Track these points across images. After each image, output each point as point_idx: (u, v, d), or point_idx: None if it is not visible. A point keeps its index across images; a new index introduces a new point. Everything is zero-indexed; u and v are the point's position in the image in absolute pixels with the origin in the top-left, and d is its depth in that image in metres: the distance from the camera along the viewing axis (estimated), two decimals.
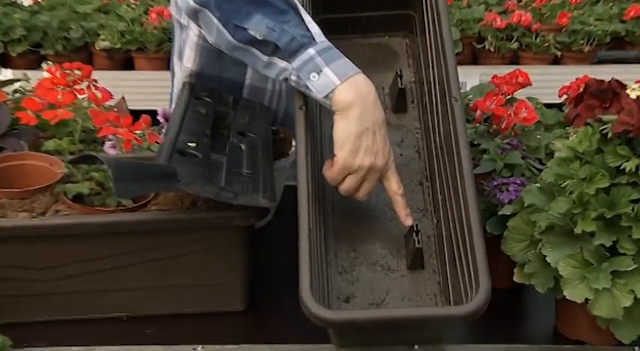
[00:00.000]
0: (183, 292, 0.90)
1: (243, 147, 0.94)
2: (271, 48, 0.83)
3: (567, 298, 0.81)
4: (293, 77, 0.83)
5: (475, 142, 1.08)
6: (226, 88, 1.07)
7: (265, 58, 0.85)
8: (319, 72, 0.80)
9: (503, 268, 0.94)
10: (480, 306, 0.72)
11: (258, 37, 0.83)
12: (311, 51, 0.81)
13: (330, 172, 0.83)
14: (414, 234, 0.83)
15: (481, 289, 0.73)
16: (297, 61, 0.81)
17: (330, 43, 0.82)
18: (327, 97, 0.81)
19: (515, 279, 0.86)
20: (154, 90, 2.00)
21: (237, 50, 0.88)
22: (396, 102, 0.96)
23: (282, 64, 0.83)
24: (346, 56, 0.82)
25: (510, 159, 0.97)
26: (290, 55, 0.81)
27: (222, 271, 0.90)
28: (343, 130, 0.81)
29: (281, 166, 1.07)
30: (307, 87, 0.82)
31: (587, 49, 2.28)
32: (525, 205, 0.86)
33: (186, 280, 0.90)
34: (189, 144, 0.88)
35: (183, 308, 0.91)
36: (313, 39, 0.82)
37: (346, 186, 0.83)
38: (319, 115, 0.92)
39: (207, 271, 0.89)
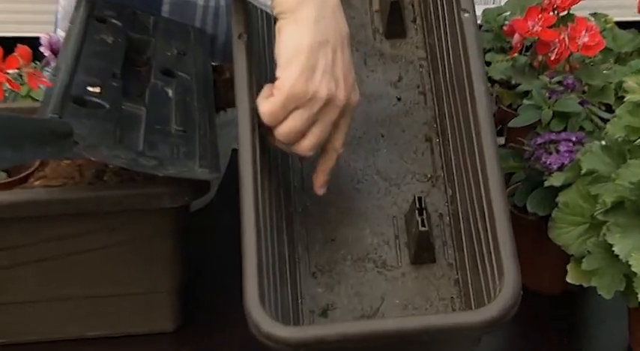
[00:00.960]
0: (85, 306, 0.93)
1: (170, 92, 0.96)
2: None
3: None
4: None
5: (512, 82, 1.11)
6: (141, 5, 1.08)
7: None
8: None
9: (552, 263, 0.98)
10: (503, 310, 0.74)
11: None
12: None
13: (268, 103, 0.81)
14: (418, 212, 0.86)
15: (506, 285, 0.75)
16: None
17: None
18: None
19: (568, 279, 0.90)
20: (32, 7, 1.99)
21: None
22: (390, 22, 0.99)
23: None
24: None
25: (563, 105, 1.01)
26: None
27: (142, 276, 0.92)
28: (291, 40, 0.80)
29: (227, 121, 1.09)
30: None
31: None
32: (583, 173, 0.89)
33: (89, 289, 0.92)
34: (91, 89, 0.90)
35: (85, 331, 0.94)
36: None
37: (289, 126, 0.81)
38: (270, 47, 0.93)
39: (122, 276, 0.92)
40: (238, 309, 0.76)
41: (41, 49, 1.11)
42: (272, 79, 0.82)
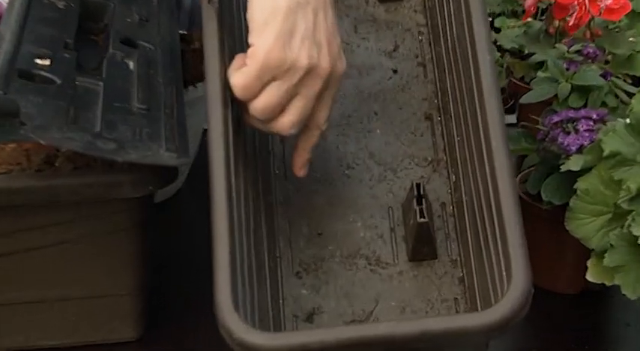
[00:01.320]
0: (35, 311, 0.93)
1: (131, 65, 0.96)
2: None
3: None
4: None
5: (525, 51, 1.10)
6: None
7: None
8: None
9: (569, 259, 0.99)
10: (510, 312, 0.74)
11: None
12: None
13: (240, 74, 0.81)
14: (417, 201, 0.86)
15: (513, 284, 0.75)
16: None
17: None
18: None
19: (589, 277, 0.90)
20: None
21: None
22: None
23: None
24: None
25: (583, 78, 1.01)
26: None
27: (101, 276, 0.92)
28: (265, 0, 0.80)
29: (197, 97, 1.09)
30: None
31: None
32: (605, 155, 0.89)
33: (39, 291, 0.92)
34: (39, 61, 0.89)
35: (35, 340, 0.94)
36: None
37: (265, 101, 0.81)
38: (244, 13, 0.93)
39: (77, 277, 0.92)
40: (210, 313, 0.76)
41: None
42: (246, 47, 0.82)
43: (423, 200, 0.86)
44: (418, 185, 0.87)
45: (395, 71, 0.97)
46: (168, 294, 1.02)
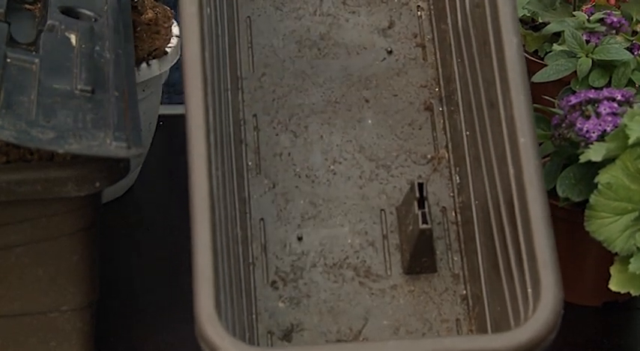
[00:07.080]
0: None
1: (73, 39, 0.96)
2: None
3: None
4: None
5: (539, 20, 1.12)
6: None
7: None
8: None
9: (590, 267, 1.01)
10: (539, 334, 0.75)
11: None
12: None
13: None
14: (418, 204, 0.88)
15: (543, 302, 0.76)
16: None
17: None
18: None
19: (611, 287, 0.92)
20: None
21: None
22: None
23: None
24: None
25: (606, 52, 1.02)
26: None
27: (40, 290, 0.93)
28: None
29: (152, 77, 1.10)
30: None
31: None
32: (631, 143, 0.90)
33: None
34: None
35: None
36: None
37: None
38: None
39: (11, 291, 0.93)
40: (171, 330, 0.77)
41: None
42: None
43: (426, 202, 0.87)
44: (420, 185, 0.88)
45: (389, 52, 0.98)
46: (120, 311, 1.03)
